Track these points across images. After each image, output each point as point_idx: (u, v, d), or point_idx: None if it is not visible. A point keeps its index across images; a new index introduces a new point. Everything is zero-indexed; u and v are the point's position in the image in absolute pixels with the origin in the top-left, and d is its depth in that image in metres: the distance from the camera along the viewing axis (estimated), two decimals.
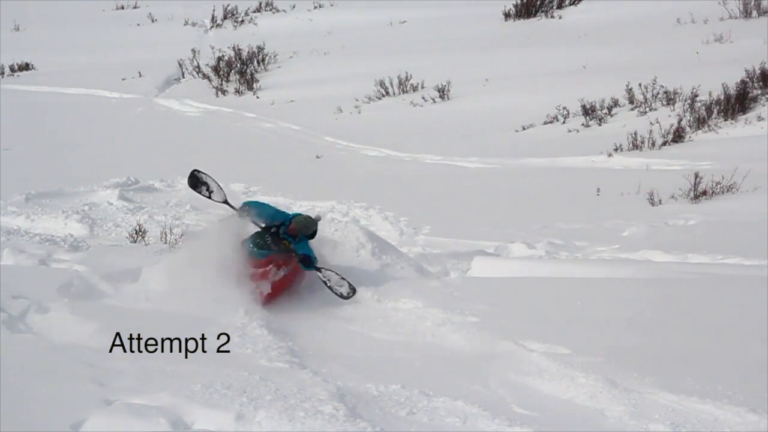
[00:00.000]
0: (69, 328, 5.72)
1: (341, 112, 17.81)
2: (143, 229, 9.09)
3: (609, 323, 6.15)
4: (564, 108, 15.73)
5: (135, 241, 8.86)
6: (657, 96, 15.56)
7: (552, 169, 13.33)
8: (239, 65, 21.23)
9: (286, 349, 5.63)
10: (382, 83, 18.51)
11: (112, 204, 10.63)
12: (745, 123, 14.32)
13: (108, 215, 10.21)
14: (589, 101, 15.59)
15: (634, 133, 13.96)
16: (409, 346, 6.03)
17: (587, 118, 15.50)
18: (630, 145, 13.84)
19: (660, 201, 10.92)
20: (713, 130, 14.32)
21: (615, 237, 9.61)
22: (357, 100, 18.30)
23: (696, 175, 10.97)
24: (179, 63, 22.09)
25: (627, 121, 15.05)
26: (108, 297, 6.58)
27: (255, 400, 4.54)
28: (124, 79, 21.41)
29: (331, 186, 12.52)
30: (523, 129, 15.62)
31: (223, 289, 6.53)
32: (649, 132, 14.16)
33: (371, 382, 5.09)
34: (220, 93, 20.49)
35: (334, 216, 10.41)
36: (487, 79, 18.26)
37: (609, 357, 5.43)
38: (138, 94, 20.49)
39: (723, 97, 14.69)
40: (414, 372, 5.46)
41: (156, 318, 6.05)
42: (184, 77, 21.92)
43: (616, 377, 5.15)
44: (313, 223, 7.06)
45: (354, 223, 9.12)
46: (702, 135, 14.28)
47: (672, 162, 13.11)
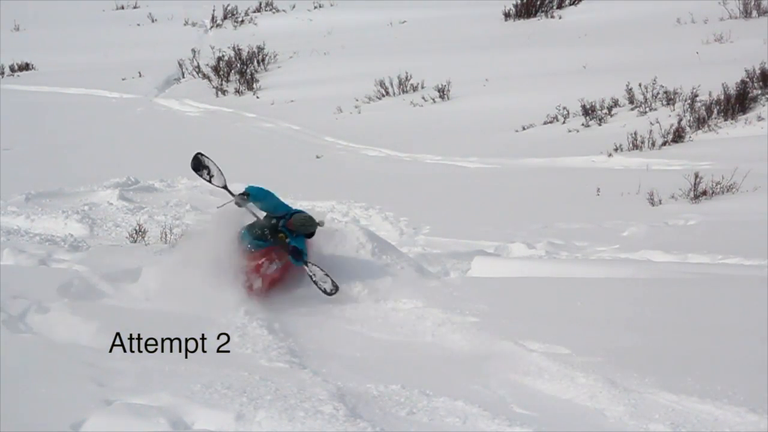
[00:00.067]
0: (69, 328, 5.72)
1: (341, 112, 17.80)
2: (143, 229, 9.08)
3: (609, 323, 6.15)
4: (564, 108, 15.73)
5: (135, 241, 8.86)
6: (657, 96, 15.56)
7: (552, 169, 13.33)
8: (239, 65, 21.23)
9: (286, 349, 5.63)
10: (382, 83, 18.50)
11: (112, 204, 10.62)
12: (745, 123, 14.32)
13: (108, 215, 10.20)
14: (589, 101, 15.58)
15: (634, 133, 13.96)
16: (409, 346, 6.04)
17: (587, 118, 15.49)
18: (630, 145, 13.84)
19: (660, 201, 10.92)
20: (713, 130, 14.32)
21: (615, 237, 9.61)
22: (357, 100, 18.29)
23: (696, 175, 10.97)
24: (179, 63, 22.09)
25: (627, 121, 15.05)
26: (108, 297, 6.57)
27: (255, 400, 4.55)
28: (124, 79, 21.40)
29: (331, 186, 12.51)
30: (523, 129, 15.62)
31: (223, 289, 6.54)
32: (649, 132, 14.15)
33: (371, 382, 5.09)
34: (220, 93, 20.48)
35: (334, 216, 10.41)
36: (487, 79, 18.26)
37: (609, 357, 5.44)
38: (138, 94, 20.48)
39: (723, 97, 14.69)
40: (414, 372, 5.46)
41: (156, 318, 6.04)
42: (184, 77, 21.92)
43: (616, 377, 5.15)
44: (313, 224, 7.06)
45: (354, 223, 9.13)
46: (702, 135, 14.27)
47: (672, 162, 13.11)
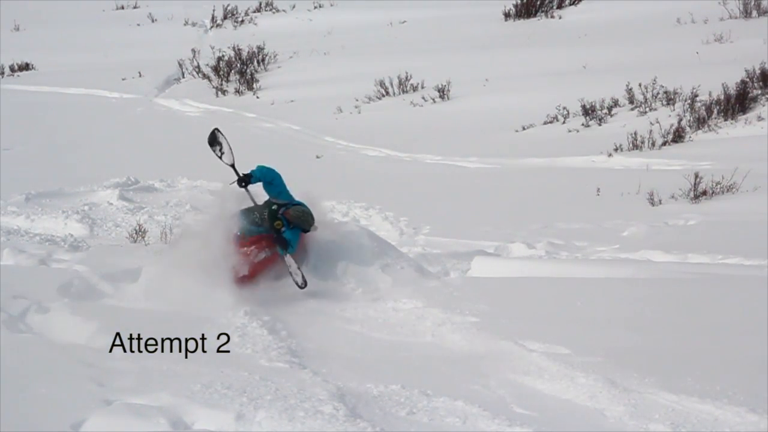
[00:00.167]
0: (69, 328, 5.72)
1: (341, 112, 17.80)
2: (143, 229, 9.08)
3: (609, 323, 6.15)
4: (564, 108, 15.73)
5: (135, 241, 8.86)
6: (657, 96, 15.56)
7: (552, 169, 13.33)
8: (239, 65, 21.23)
9: (286, 349, 5.63)
10: (382, 83, 18.50)
11: (112, 204, 10.62)
12: (745, 123, 14.32)
13: (108, 215, 10.20)
14: (589, 101, 15.58)
15: (634, 133, 13.96)
16: (409, 346, 6.04)
17: (587, 118, 15.49)
18: (630, 145, 13.84)
19: (660, 201, 10.91)
20: (713, 130, 14.31)
21: (615, 237, 9.61)
22: (357, 100, 18.29)
23: (696, 175, 10.97)
24: (179, 63, 22.09)
25: (627, 121, 15.05)
26: (108, 297, 6.58)
27: (255, 400, 4.55)
28: (124, 79, 21.40)
29: (331, 186, 12.51)
30: (523, 129, 15.62)
31: (223, 289, 6.54)
32: (649, 132, 14.15)
33: (371, 382, 5.09)
34: (220, 93, 20.48)
35: (334, 216, 10.40)
36: (487, 79, 18.26)
37: (609, 357, 5.44)
38: (138, 94, 20.48)
39: (723, 97, 14.69)
40: (414, 372, 5.46)
41: (156, 318, 6.05)
42: (184, 77, 21.92)
43: (616, 377, 5.16)
44: (309, 220, 7.11)
45: (354, 223, 9.13)
46: (702, 135, 14.27)
47: (672, 162, 13.11)
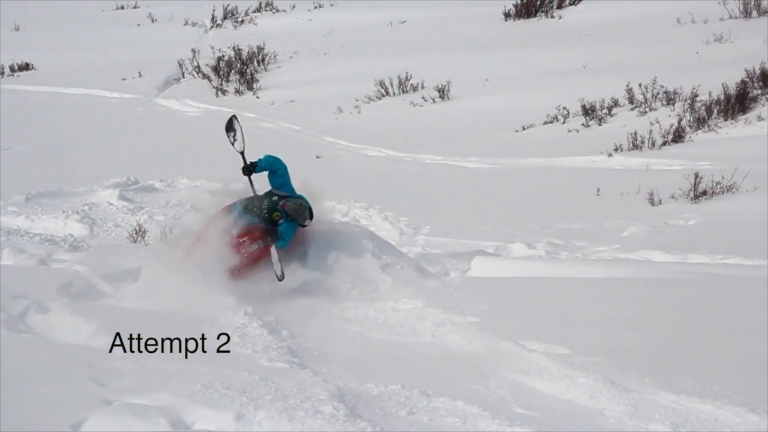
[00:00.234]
0: (69, 328, 5.72)
1: (341, 112, 17.80)
2: (143, 229, 9.09)
3: (609, 323, 6.15)
4: (564, 108, 15.73)
5: (135, 241, 8.86)
6: (657, 96, 15.56)
7: (552, 169, 13.32)
8: (239, 65, 21.22)
9: (286, 349, 5.63)
10: (382, 83, 18.50)
11: (112, 204, 10.62)
12: (745, 123, 14.32)
13: (108, 215, 10.20)
14: (589, 101, 15.58)
15: (634, 133, 13.95)
16: (409, 346, 6.03)
17: (587, 118, 15.49)
18: (630, 145, 13.84)
19: (660, 201, 10.91)
20: (713, 130, 14.31)
21: (615, 237, 9.61)
22: (357, 100, 18.29)
23: (696, 175, 10.96)
24: (179, 63, 22.08)
25: (627, 121, 15.05)
26: (108, 297, 6.58)
27: (255, 400, 4.54)
28: (124, 79, 21.40)
29: (331, 186, 12.49)
30: (523, 129, 15.62)
31: (223, 289, 6.54)
32: (649, 132, 14.15)
33: (371, 382, 5.09)
34: (220, 93, 20.48)
35: (334, 216, 10.40)
36: (487, 79, 18.25)
37: (609, 357, 5.44)
38: (138, 94, 20.47)
39: (723, 97, 14.69)
40: (414, 372, 5.46)
41: (156, 318, 6.05)
42: (184, 77, 21.91)
43: (616, 377, 5.15)
44: (305, 213, 7.14)
45: (354, 223, 9.12)
46: (702, 135, 14.27)
47: (672, 162, 13.11)
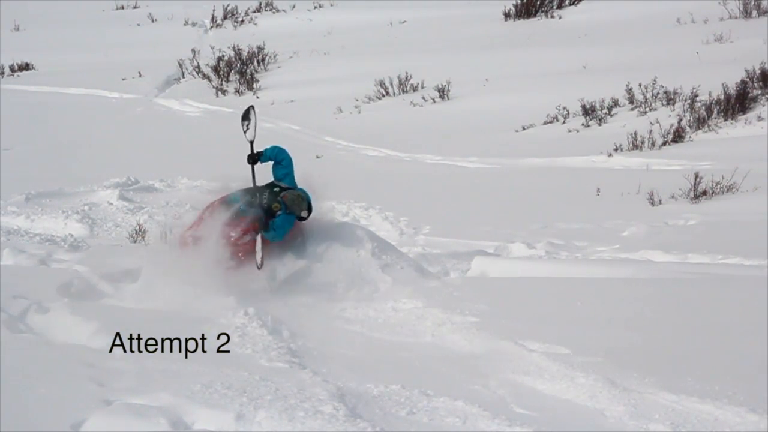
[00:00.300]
0: (69, 328, 5.72)
1: (341, 112, 17.80)
2: (143, 229, 9.09)
3: (609, 323, 6.15)
4: (564, 108, 15.73)
5: (135, 241, 8.86)
6: (657, 96, 15.56)
7: (552, 169, 13.33)
8: (239, 65, 21.23)
9: (286, 349, 5.63)
10: (382, 83, 18.50)
11: (112, 204, 10.62)
12: (745, 123, 14.32)
13: (108, 215, 10.20)
14: (589, 101, 15.59)
15: (634, 133, 13.96)
16: (409, 346, 6.03)
17: (587, 118, 15.49)
18: (630, 145, 13.84)
19: (660, 201, 10.91)
20: (713, 130, 14.32)
21: (615, 237, 9.61)
22: (357, 100, 18.29)
23: (696, 175, 10.97)
24: (179, 63, 22.08)
25: (627, 121, 15.05)
26: (108, 297, 6.59)
27: (255, 400, 4.54)
28: (124, 79, 21.40)
29: (331, 186, 12.49)
30: (523, 129, 15.62)
31: (223, 289, 6.54)
32: (649, 132, 14.16)
33: (371, 382, 5.09)
34: (220, 93, 20.48)
35: (334, 216, 10.40)
36: (487, 79, 18.26)
37: (609, 357, 5.44)
38: (138, 94, 20.47)
39: (723, 97, 14.70)
40: (414, 372, 5.46)
41: (156, 318, 6.05)
42: (184, 77, 21.91)
43: (616, 377, 5.15)
44: (302, 204, 7.17)
45: (354, 223, 9.12)
46: (702, 135, 14.28)
47: (672, 162, 13.11)
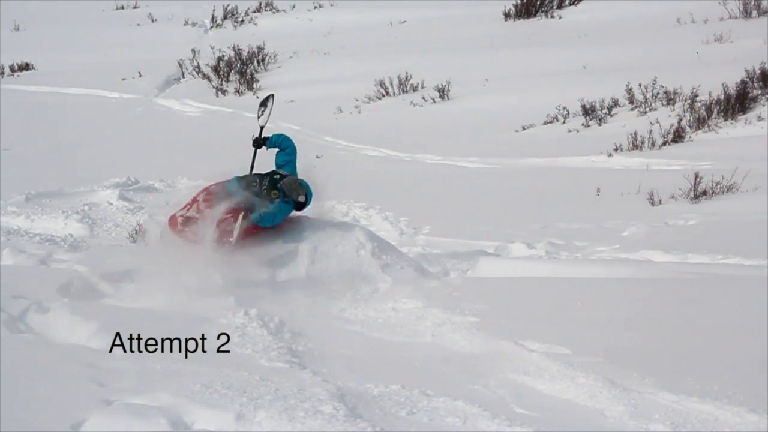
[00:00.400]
0: (69, 328, 5.72)
1: (341, 112, 17.80)
2: (143, 229, 9.08)
3: (609, 323, 6.15)
4: (564, 108, 15.73)
5: (135, 241, 8.86)
6: (657, 96, 15.56)
7: (552, 169, 13.32)
8: (239, 65, 21.22)
9: (286, 349, 5.63)
10: (382, 83, 18.50)
11: (112, 204, 10.61)
12: (745, 123, 14.32)
13: (108, 215, 10.20)
14: (589, 101, 15.58)
15: (634, 133, 13.95)
16: (409, 346, 6.03)
17: (587, 118, 15.49)
18: (630, 145, 13.83)
19: (660, 201, 10.91)
20: (713, 130, 14.31)
21: (615, 237, 9.60)
22: (357, 100, 18.29)
23: (696, 175, 10.96)
24: (179, 63, 22.08)
25: (627, 121, 15.05)
26: (108, 297, 6.60)
27: (255, 400, 4.54)
28: (124, 79, 21.39)
29: (331, 186, 12.48)
30: (523, 129, 15.62)
31: (223, 289, 6.54)
32: (649, 132, 14.15)
33: (371, 382, 5.09)
34: (220, 93, 20.47)
35: (334, 216, 10.40)
36: (487, 79, 18.25)
37: (609, 357, 5.43)
38: (138, 94, 20.47)
39: (723, 97, 14.69)
40: (414, 372, 5.46)
41: (156, 318, 6.05)
42: (184, 77, 21.91)
43: (616, 377, 5.15)
44: (299, 189, 7.23)
45: (354, 223, 9.12)
46: (702, 135, 14.27)
47: (672, 162, 13.10)
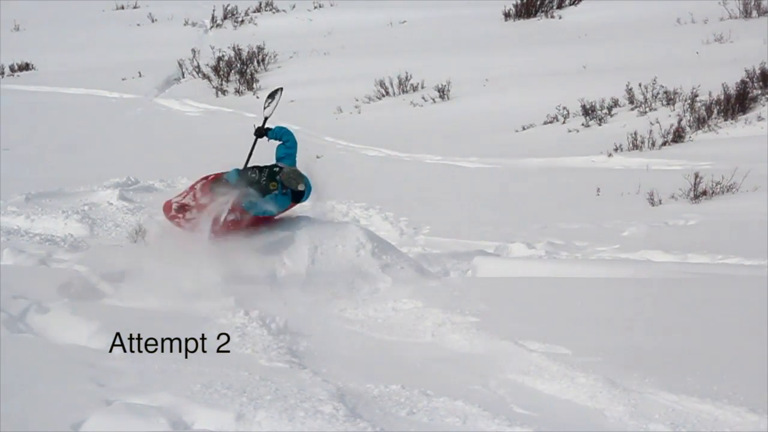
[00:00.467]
0: (69, 328, 5.72)
1: (341, 112, 17.80)
2: (143, 229, 9.08)
3: (609, 323, 6.15)
4: (564, 108, 15.72)
5: (135, 241, 8.86)
6: (657, 96, 15.56)
7: (552, 169, 13.32)
8: (239, 65, 21.22)
9: (286, 349, 5.63)
10: (382, 83, 18.50)
11: (112, 204, 10.62)
12: (745, 123, 14.32)
13: (108, 215, 10.20)
14: (589, 101, 15.58)
15: (634, 133, 13.95)
16: (409, 346, 6.04)
17: (587, 118, 15.49)
18: (630, 145, 13.83)
19: (660, 201, 10.91)
20: (713, 130, 14.31)
21: (615, 237, 9.61)
22: (357, 100, 18.29)
23: (696, 175, 10.96)
24: (179, 63, 22.07)
25: (627, 121, 15.04)
26: (108, 297, 6.60)
27: (255, 400, 4.54)
28: (124, 79, 21.39)
29: (331, 186, 12.49)
30: (523, 129, 15.61)
31: (223, 289, 6.55)
32: (649, 132, 14.15)
33: (371, 382, 5.09)
34: (220, 93, 20.48)
35: (334, 216, 10.40)
36: (487, 79, 18.25)
37: (609, 357, 5.44)
38: (138, 94, 20.46)
39: (723, 97, 14.69)
40: (414, 372, 5.46)
41: (156, 318, 6.05)
42: (184, 77, 21.91)
43: (616, 377, 5.15)
44: (298, 179, 7.21)
45: (354, 223, 9.13)
46: (702, 135, 14.27)
47: (672, 162, 13.10)
